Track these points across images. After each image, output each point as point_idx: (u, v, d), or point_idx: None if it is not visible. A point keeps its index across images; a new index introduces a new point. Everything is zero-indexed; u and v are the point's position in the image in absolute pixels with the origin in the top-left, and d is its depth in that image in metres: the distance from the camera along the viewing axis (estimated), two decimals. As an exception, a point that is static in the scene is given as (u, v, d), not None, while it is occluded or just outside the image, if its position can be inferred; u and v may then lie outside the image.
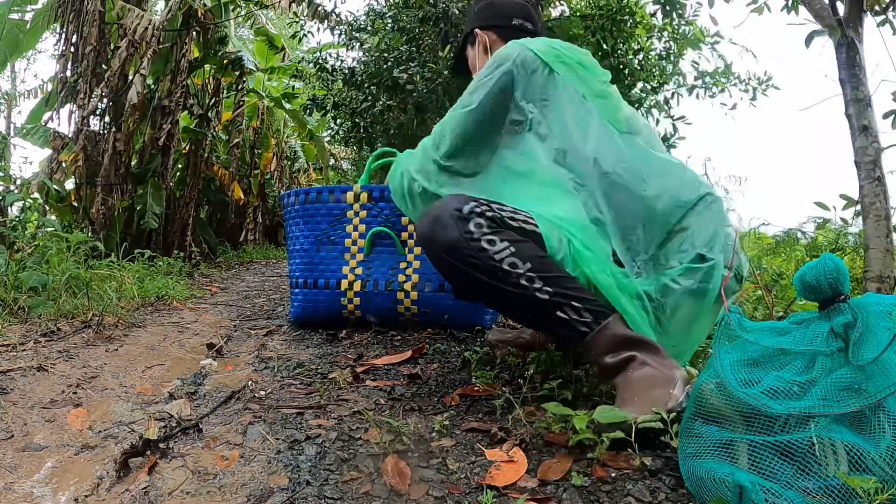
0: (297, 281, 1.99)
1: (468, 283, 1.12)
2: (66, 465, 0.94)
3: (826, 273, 0.72)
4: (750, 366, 0.75)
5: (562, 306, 1.04)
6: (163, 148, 5.00)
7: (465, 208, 1.10)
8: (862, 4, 2.16)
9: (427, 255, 1.18)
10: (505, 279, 1.05)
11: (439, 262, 1.14)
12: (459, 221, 1.08)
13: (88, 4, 4.37)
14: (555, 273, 1.06)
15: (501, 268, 1.05)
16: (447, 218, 1.10)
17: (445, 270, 1.15)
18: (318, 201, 1.95)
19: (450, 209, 1.11)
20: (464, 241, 1.07)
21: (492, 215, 1.10)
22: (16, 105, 9.43)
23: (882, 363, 0.65)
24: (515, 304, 1.09)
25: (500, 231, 1.09)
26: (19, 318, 1.99)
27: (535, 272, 1.05)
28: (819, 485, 0.63)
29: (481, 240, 1.07)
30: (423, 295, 1.84)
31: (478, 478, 0.84)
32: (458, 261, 1.08)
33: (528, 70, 1.25)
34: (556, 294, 1.04)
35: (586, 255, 1.09)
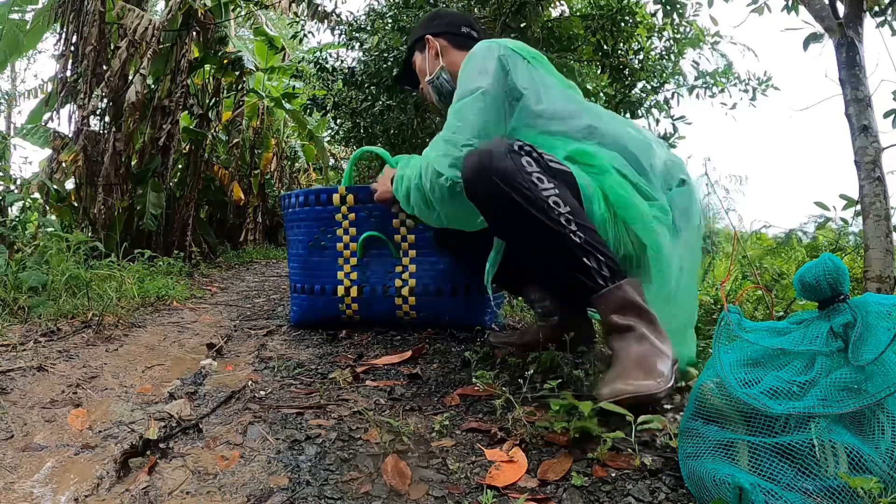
0: (295, 286, 1.99)
1: (512, 211, 1.15)
2: (66, 465, 0.94)
3: (826, 273, 0.72)
4: (749, 366, 0.75)
5: (589, 254, 1.11)
6: (163, 148, 5.00)
7: (515, 145, 1.16)
8: (862, 4, 2.15)
9: (471, 189, 1.19)
10: (548, 214, 1.11)
11: (489, 191, 1.15)
12: (513, 154, 1.14)
13: (88, 4, 4.37)
14: (587, 224, 1.14)
15: (548, 202, 1.12)
16: (501, 151, 1.14)
17: (491, 198, 1.16)
18: (308, 204, 1.92)
19: (503, 145, 1.16)
20: (518, 172, 1.13)
21: (537, 156, 1.17)
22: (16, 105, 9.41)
23: (882, 363, 0.65)
24: (549, 241, 1.13)
25: (546, 170, 1.16)
26: (19, 318, 1.99)
27: (573, 216, 1.12)
28: (819, 486, 0.63)
29: (532, 175, 1.13)
30: (421, 298, 1.83)
31: (478, 478, 0.84)
32: (509, 187, 1.12)
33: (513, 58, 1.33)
34: (586, 241, 1.11)
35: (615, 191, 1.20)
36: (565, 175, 1.20)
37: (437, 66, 1.60)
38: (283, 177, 9.92)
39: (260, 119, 8.29)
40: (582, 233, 1.11)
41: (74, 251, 2.67)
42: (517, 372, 1.33)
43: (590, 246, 1.11)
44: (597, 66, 3.71)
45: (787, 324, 0.78)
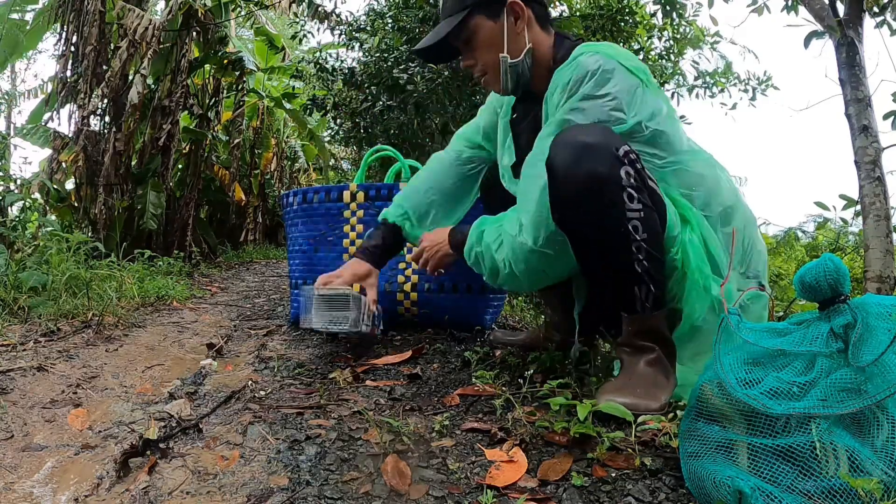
0: (296, 282, 1.98)
1: (585, 218, 1.06)
2: (66, 465, 0.94)
3: (826, 273, 0.72)
4: (750, 365, 0.75)
5: (641, 284, 1.05)
6: (163, 148, 5.00)
7: (621, 149, 1.04)
8: (862, 4, 2.16)
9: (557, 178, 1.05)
10: (622, 237, 1.03)
11: (571, 189, 1.04)
12: (614, 161, 1.02)
13: (89, 4, 4.37)
14: (657, 254, 1.06)
15: (626, 226, 1.03)
16: (604, 152, 1.02)
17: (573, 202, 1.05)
18: (316, 201, 1.93)
19: (609, 143, 1.03)
20: (610, 183, 1.02)
21: (640, 168, 1.06)
22: (16, 105, 9.42)
23: (882, 364, 0.65)
24: (611, 256, 1.07)
25: (640, 189, 1.04)
26: (19, 318, 1.99)
27: (647, 244, 1.04)
28: (820, 487, 0.63)
29: (626, 190, 1.02)
30: (422, 295, 1.84)
31: (478, 478, 0.84)
32: (593, 196, 1.02)
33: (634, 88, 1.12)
34: (646, 272, 1.05)
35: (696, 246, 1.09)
36: (658, 199, 1.08)
37: (525, 44, 1.24)
38: (283, 177, 9.92)
39: (260, 119, 8.30)
40: (647, 262, 1.04)
41: (74, 251, 2.67)
42: (517, 372, 1.33)
43: (648, 276, 1.05)
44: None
45: (787, 325, 0.78)
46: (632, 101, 1.11)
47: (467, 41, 1.28)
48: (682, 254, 1.08)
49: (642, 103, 1.11)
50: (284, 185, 9.80)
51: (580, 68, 1.13)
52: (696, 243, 1.09)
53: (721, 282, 1.06)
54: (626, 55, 1.17)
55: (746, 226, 1.18)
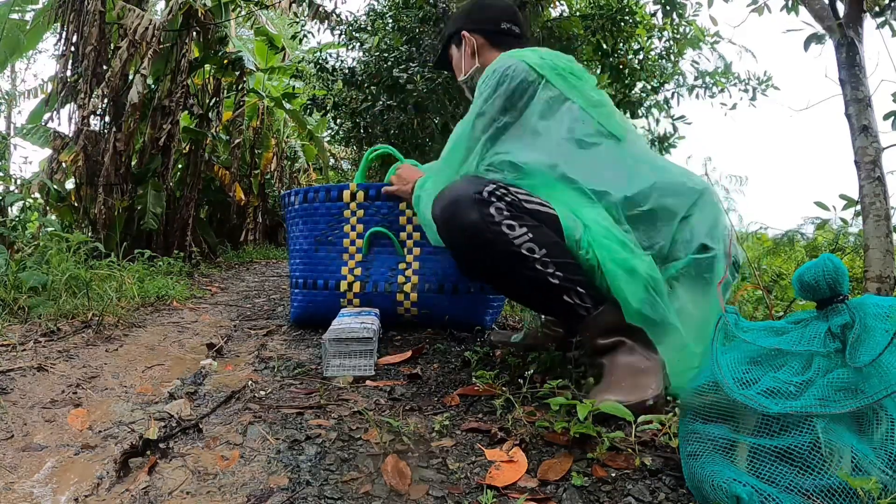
0: (296, 281, 1.98)
1: (483, 264, 1.15)
2: (66, 465, 0.94)
3: (825, 273, 0.72)
4: (748, 363, 0.75)
5: (568, 291, 1.10)
6: (163, 148, 5.00)
7: (484, 191, 1.12)
8: (862, 5, 2.16)
9: (442, 236, 1.19)
10: (522, 263, 1.09)
11: (457, 243, 1.16)
12: (480, 205, 1.11)
13: (89, 4, 4.38)
14: (566, 259, 1.11)
15: (520, 252, 1.09)
16: (467, 201, 1.12)
17: (462, 252, 1.17)
18: (317, 201, 1.93)
19: (469, 192, 1.12)
20: (484, 225, 1.10)
21: (510, 199, 1.13)
22: (16, 105, 9.43)
23: (879, 365, 0.65)
24: (526, 286, 1.13)
25: (519, 216, 1.11)
26: (19, 318, 1.99)
27: (549, 258, 1.09)
28: (820, 486, 0.63)
29: (501, 224, 1.10)
30: (422, 296, 1.84)
31: (478, 478, 0.84)
32: (477, 243, 1.11)
33: (526, 84, 1.26)
34: (564, 279, 1.10)
35: (600, 240, 1.12)
36: (545, 215, 1.15)
37: (473, 65, 1.51)
38: (283, 177, 9.92)
39: (260, 119, 8.30)
40: (560, 271, 1.09)
41: (74, 251, 2.67)
42: (517, 372, 1.33)
43: (568, 282, 1.10)
44: (597, 65, 3.71)
45: (785, 324, 0.78)
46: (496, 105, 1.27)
47: (448, 65, 1.63)
48: (591, 253, 1.12)
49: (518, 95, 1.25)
50: (284, 185, 9.80)
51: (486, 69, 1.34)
52: (599, 238, 1.12)
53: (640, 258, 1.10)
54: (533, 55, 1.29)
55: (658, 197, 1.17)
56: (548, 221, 1.14)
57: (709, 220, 1.17)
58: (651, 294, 1.07)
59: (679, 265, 1.14)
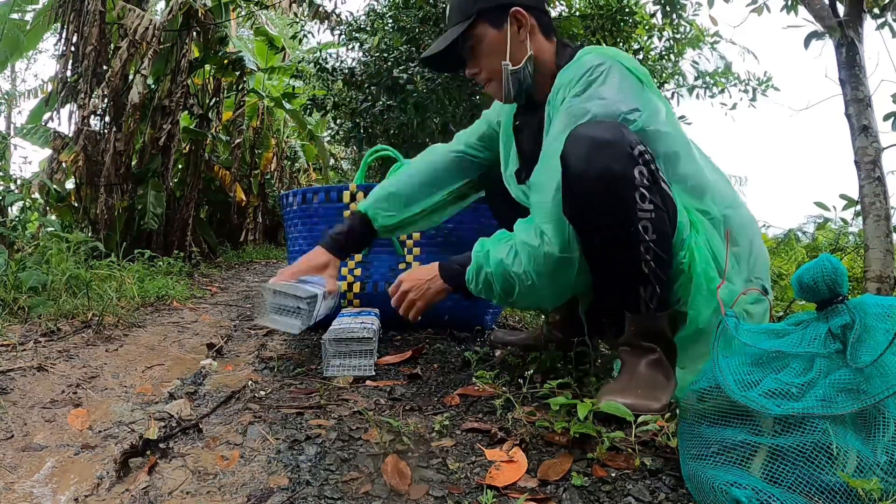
0: None
1: (593, 216, 1.05)
2: (66, 465, 0.94)
3: (824, 274, 0.72)
4: (750, 366, 0.75)
5: (647, 284, 1.05)
6: (163, 148, 5.00)
7: (637, 148, 1.03)
8: (862, 5, 2.16)
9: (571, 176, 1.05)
10: (630, 237, 1.03)
11: (584, 185, 1.03)
12: (629, 160, 1.02)
13: (89, 4, 4.38)
14: (666, 255, 1.05)
15: (636, 226, 1.02)
16: (619, 150, 1.01)
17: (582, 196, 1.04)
18: (316, 202, 1.93)
19: (625, 141, 1.02)
20: (624, 182, 1.01)
21: (653, 168, 1.05)
22: (16, 105, 9.43)
23: (880, 365, 0.65)
24: (615, 257, 1.06)
25: (652, 189, 1.04)
26: (19, 318, 1.99)
27: (655, 245, 1.03)
28: (820, 486, 0.63)
29: (638, 189, 1.02)
30: None
31: (478, 478, 0.84)
32: (605, 194, 1.02)
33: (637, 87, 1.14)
34: (652, 272, 1.04)
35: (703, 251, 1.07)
36: (669, 201, 1.08)
37: (527, 52, 1.25)
38: (283, 177, 9.93)
39: (260, 119, 8.30)
40: (654, 263, 1.04)
41: (74, 251, 2.67)
42: (517, 372, 1.33)
43: (654, 277, 1.04)
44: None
45: (785, 325, 0.78)
46: (636, 99, 1.11)
47: (472, 49, 1.28)
48: (689, 257, 1.07)
49: (647, 101, 1.12)
50: (284, 185, 9.80)
51: (583, 66, 1.14)
52: (702, 247, 1.07)
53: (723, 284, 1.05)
54: (627, 57, 1.18)
55: (746, 228, 1.16)
56: (670, 207, 1.07)
57: (763, 256, 1.16)
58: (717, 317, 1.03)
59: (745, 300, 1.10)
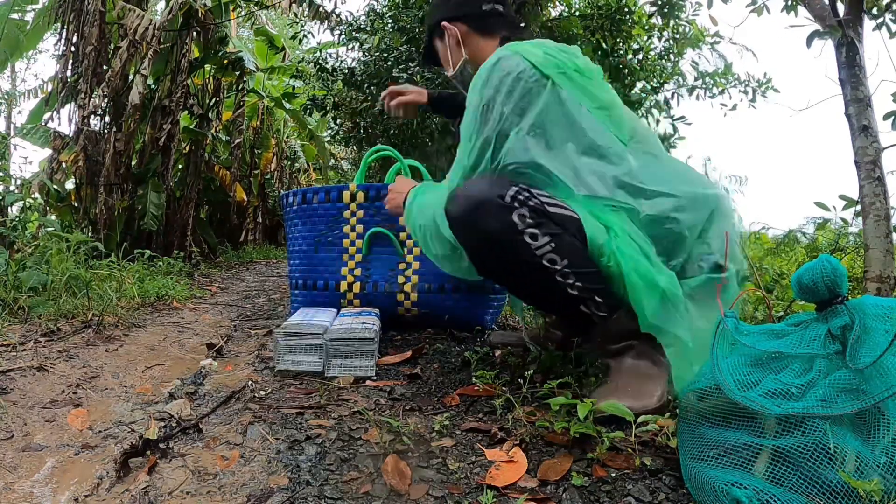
0: (296, 282, 1.98)
1: (501, 270, 1.12)
2: (66, 465, 0.94)
3: (823, 275, 0.72)
4: (750, 366, 0.75)
5: (586, 301, 1.07)
6: (163, 148, 5.00)
7: (507, 195, 1.06)
8: (862, 5, 2.16)
9: (459, 238, 1.13)
10: (542, 273, 1.06)
11: (474, 247, 1.12)
12: (503, 211, 1.06)
13: (89, 4, 4.38)
14: (587, 269, 1.06)
15: (541, 263, 1.05)
16: (490, 206, 1.06)
17: (479, 256, 1.13)
18: (316, 201, 1.93)
19: (493, 196, 1.06)
20: (507, 234, 1.05)
21: (533, 204, 1.07)
22: (16, 105, 9.43)
23: (880, 366, 0.65)
24: (544, 294, 1.10)
25: (542, 222, 1.06)
26: (19, 318, 1.99)
27: (570, 268, 1.05)
28: (822, 488, 0.63)
29: (525, 233, 1.05)
30: (423, 295, 1.84)
31: (478, 478, 0.84)
32: (498, 251, 1.08)
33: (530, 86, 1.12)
34: (583, 290, 1.06)
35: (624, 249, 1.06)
36: (568, 219, 1.08)
37: (460, 58, 1.40)
38: (283, 177, 9.92)
39: (260, 119, 8.30)
40: (580, 282, 1.06)
41: (74, 251, 2.67)
42: (517, 372, 1.33)
43: (587, 293, 1.06)
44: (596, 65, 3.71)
45: (784, 326, 0.78)
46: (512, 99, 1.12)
47: (437, 60, 1.52)
48: (612, 260, 1.06)
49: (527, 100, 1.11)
50: (284, 185, 9.80)
51: (482, 68, 1.17)
52: (624, 247, 1.06)
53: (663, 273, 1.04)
54: (537, 52, 1.15)
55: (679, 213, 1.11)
56: (571, 226, 1.08)
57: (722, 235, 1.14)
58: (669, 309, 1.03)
59: (694, 283, 1.09)
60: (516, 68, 1.12)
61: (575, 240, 1.07)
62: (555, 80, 1.13)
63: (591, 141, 1.13)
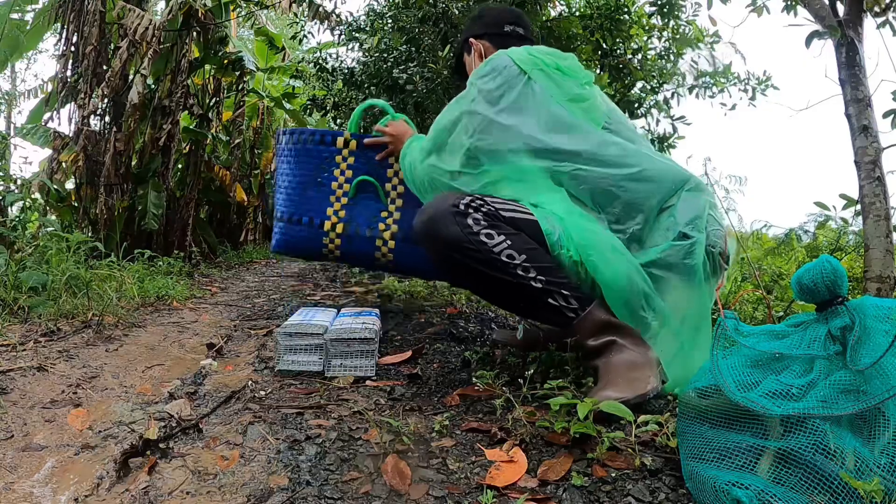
0: (281, 214, 2.06)
1: (467, 274, 1.17)
2: (66, 465, 0.94)
3: (823, 276, 0.72)
4: (749, 367, 0.75)
5: (553, 294, 1.12)
6: (163, 148, 5.00)
7: (461, 203, 1.15)
8: (862, 4, 2.16)
9: (426, 249, 1.22)
10: (503, 270, 1.12)
11: (440, 256, 1.19)
12: (458, 217, 1.14)
13: (89, 4, 4.37)
14: (546, 263, 1.13)
15: (500, 259, 1.12)
16: (446, 215, 1.15)
17: (445, 264, 1.20)
18: (311, 143, 2.02)
19: (446, 206, 1.16)
20: (464, 236, 1.13)
21: (487, 210, 1.16)
22: (16, 105, 9.43)
23: (880, 367, 0.65)
24: (511, 292, 1.15)
25: (496, 225, 1.14)
26: (19, 318, 1.99)
27: (529, 262, 1.11)
28: (823, 488, 0.63)
29: (480, 234, 1.13)
30: (400, 244, 1.96)
31: (478, 478, 0.84)
32: (458, 254, 1.14)
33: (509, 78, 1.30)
34: (548, 283, 1.11)
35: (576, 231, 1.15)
36: (523, 222, 1.17)
37: None
38: (283, 177, 9.90)
39: (260, 119, 8.29)
40: (542, 275, 1.11)
41: (74, 251, 2.67)
42: (517, 372, 1.33)
43: (552, 286, 1.11)
44: (596, 65, 3.71)
45: (784, 327, 0.78)
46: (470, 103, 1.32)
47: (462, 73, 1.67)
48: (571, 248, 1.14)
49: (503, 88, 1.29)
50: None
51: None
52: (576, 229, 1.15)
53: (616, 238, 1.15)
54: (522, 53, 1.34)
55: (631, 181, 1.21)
56: (526, 228, 1.17)
57: (692, 211, 1.20)
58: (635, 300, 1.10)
59: (657, 250, 1.16)
60: (501, 63, 1.32)
61: (531, 239, 1.15)
62: (531, 75, 1.29)
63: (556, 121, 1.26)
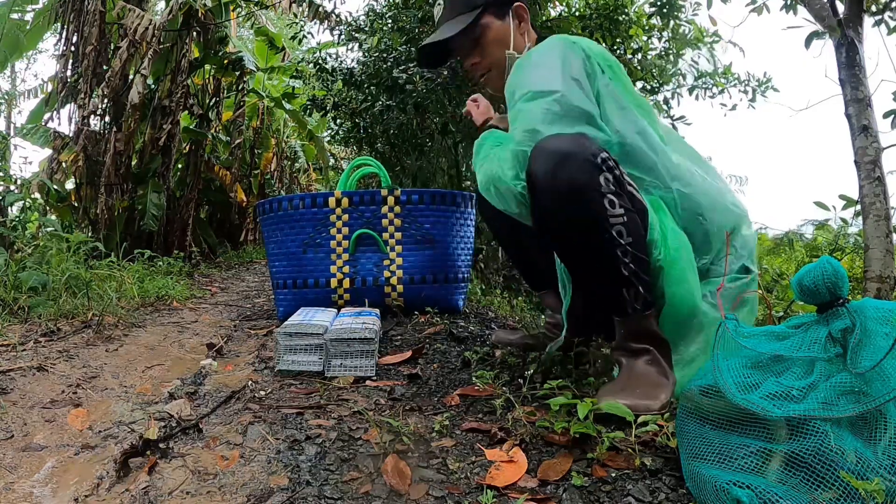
0: (284, 282, 2.12)
1: (567, 227, 1.06)
2: (66, 465, 0.94)
3: (824, 277, 0.72)
4: (750, 368, 0.75)
5: (629, 286, 1.06)
6: (163, 148, 5.00)
7: (599, 156, 1.04)
8: (862, 4, 2.16)
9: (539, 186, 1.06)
10: (608, 243, 1.04)
11: (552, 197, 1.05)
12: (593, 168, 1.03)
13: (89, 4, 4.38)
14: (643, 255, 1.07)
15: (610, 232, 1.03)
16: (581, 160, 1.02)
17: (552, 208, 1.06)
18: (302, 207, 2.08)
19: (585, 152, 1.03)
20: (591, 191, 1.02)
21: (618, 174, 1.06)
22: (16, 105, 9.43)
23: (881, 369, 0.65)
24: (594, 263, 1.07)
25: (620, 194, 1.05)
26: (19, 318, 1.99)
27: (631, 247, 1.04)
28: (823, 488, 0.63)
29: (606, 196, 1.03)
30: (407, 286, 2.06)
31: (478, 478, 0.84)
32: (575, 205, 1.03)
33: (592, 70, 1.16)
34: (633, 274, 1.05)
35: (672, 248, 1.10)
36: (638, 203, 1.09)
37: (525, 42, 1.36)
38: (283, 177, 9.93)
39: (260, 119, 8.30)
40: (633, 265, 1.05)
41: (74, 251, 2.67)
42: (517, 372, 1.33)
43: (635, 278, 1.05)
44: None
45: (784, 328, 0.77)
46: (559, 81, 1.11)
47: (476, 39, 1.34)
48: (662, 254, 1.09)
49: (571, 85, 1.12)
50: (284, 186, 9.81)
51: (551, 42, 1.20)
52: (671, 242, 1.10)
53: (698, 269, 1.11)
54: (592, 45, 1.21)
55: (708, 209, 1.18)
56: (639, 211, 1.09)
57: (750, 242, 1.20)
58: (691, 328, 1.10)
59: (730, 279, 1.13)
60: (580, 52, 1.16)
61: (640, 224, 1.07)
62: (604, 70, 1.17)
63: (642, 128, 1.16)
